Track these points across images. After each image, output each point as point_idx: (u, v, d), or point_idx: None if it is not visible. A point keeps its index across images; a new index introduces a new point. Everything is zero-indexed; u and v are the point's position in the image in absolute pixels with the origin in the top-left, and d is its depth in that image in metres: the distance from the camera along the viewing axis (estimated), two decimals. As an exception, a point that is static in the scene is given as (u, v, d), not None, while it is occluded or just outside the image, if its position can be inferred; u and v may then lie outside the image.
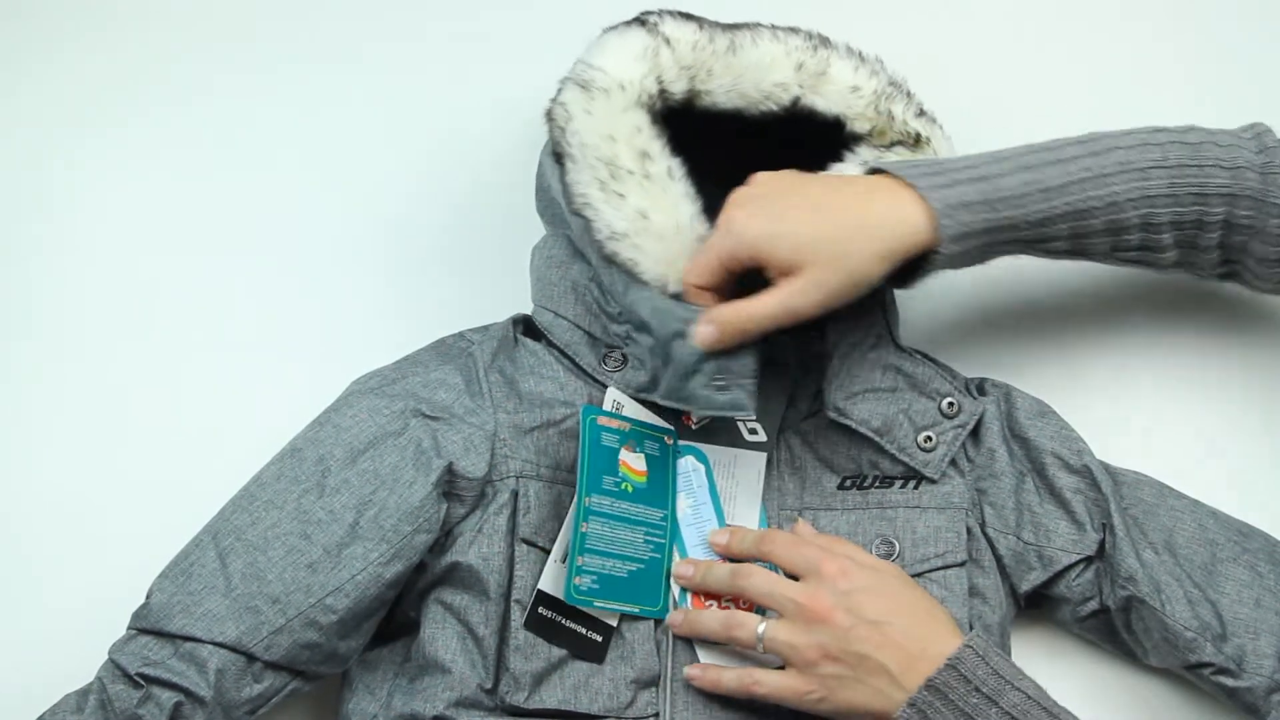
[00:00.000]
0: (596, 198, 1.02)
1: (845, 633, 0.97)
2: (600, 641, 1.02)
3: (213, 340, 1.19)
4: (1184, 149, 1.02)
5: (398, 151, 1.23)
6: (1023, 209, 1.01)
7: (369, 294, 1.20)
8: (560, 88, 1.05)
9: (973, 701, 0.93)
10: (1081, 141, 1.03)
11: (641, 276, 1.02)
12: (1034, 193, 1.01)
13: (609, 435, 1.04)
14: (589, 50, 1.05)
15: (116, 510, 1.15)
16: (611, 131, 1.02)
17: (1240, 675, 1.03)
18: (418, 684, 1.01)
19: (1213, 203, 1.02)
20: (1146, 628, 1.05)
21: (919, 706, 0.95)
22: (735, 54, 1.06)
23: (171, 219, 1.21)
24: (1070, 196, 1.01)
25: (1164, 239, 1.03)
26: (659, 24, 1.05)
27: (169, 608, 0.98)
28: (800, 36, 1.08)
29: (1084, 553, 1.06)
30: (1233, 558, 1.06)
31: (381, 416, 1.03)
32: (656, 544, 1.05)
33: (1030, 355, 1.18)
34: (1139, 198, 1.01)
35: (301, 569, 0.99)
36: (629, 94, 1.03)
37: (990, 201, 1.00)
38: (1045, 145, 1.03)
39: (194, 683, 0.96)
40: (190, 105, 1.23)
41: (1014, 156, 1.02)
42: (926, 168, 1.01)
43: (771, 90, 1.07)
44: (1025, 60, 1.25)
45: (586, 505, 1.02)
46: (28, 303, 1.19)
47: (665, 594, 1.04)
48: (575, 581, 1.02)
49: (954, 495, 1.07)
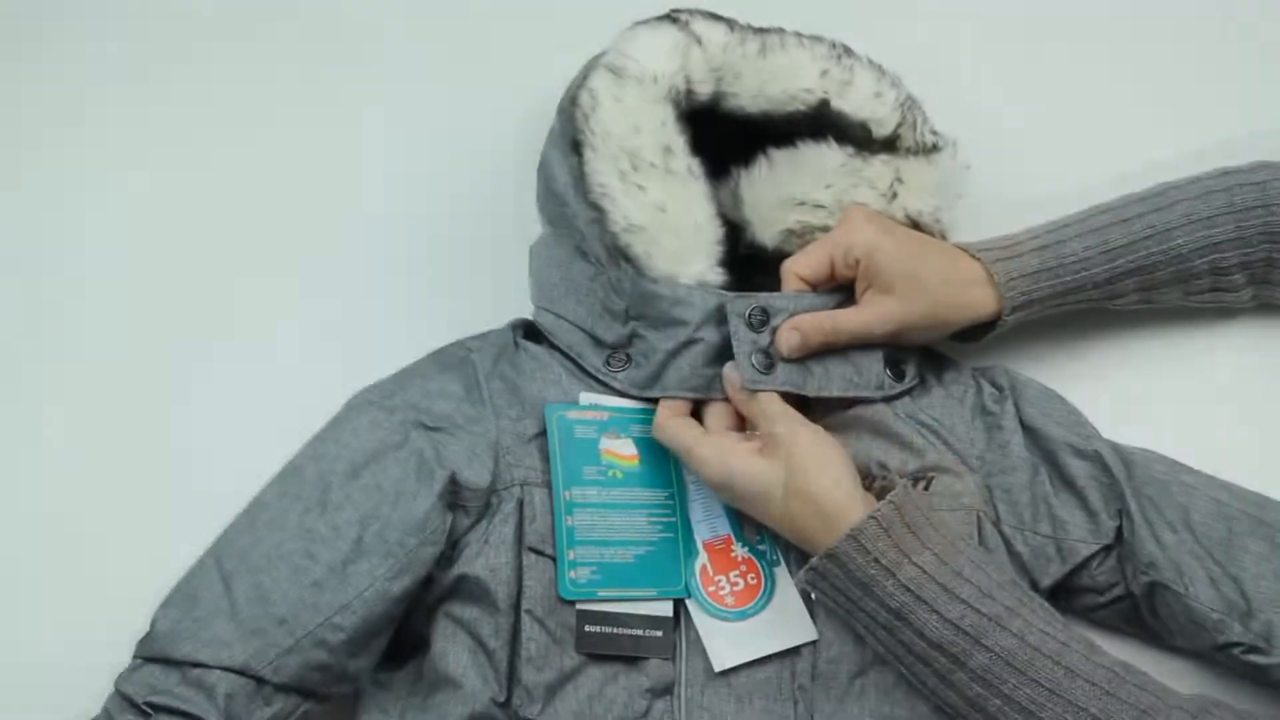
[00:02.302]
0: (616, 188, 1.02)
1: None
2: (661, 636, 1.01)
3: (215, 352, 1.18)
4: (1251, 190, 1.06)
5: (399, 157, 1.22)
6: (1086, 272, 1.06)
7: (370, 302, 1.20)
8: (588, 73, 1.05)
9: (870, 573, 0.94)
10: (1145, 198, 1.08)
11: (651, 271, 1.02)
12: (1096, 255, 1.06)
13: (583, 428, 1.04)
14: (620, 39, 1.05)
15: (117, 529, 1.14)
16: (638, 122, 1.03)
17: (1270, 652, 1.01)
18: (430, 700, 1.00)
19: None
20: (1171, 611, 1.04)
21: (818, 571, 0.96)
22: (764, 58, 1.06)
23: (169, 223, 1.21)
24: (1134, 254, 1.06)
25: (1235, 279, 1.08)
26: (690, 22, 1.05)
27: (174, 634, 0.98)
28: (825, 45, 1.08)
29: (1102, 542, 1.05)
30: (1250, 531, 1.05)
31: (382, 429, 1.03)
32: (665, 524, 1.04)
33: (1031, 337, 1.17)
34: (1204, 246, 1.06)
35: (307, 588, 0.98)
36: (660, 87, 1.03)
37: (1053, 268, 1.06)
38: (1110, 205, 1.09)
39: (203, 709, 0.96)
40: (188, 106, 1.23)
41: (1078, 221, 1.08)
42: (989, 241, 1.08)
43: (798, 94, 1.07)
44: (1026, 66, 1.24)
45: (567, 500, 1.02)
46: (26, 312, 1.19)
47: (685, 572, 1.03)
48: (570, 576, 1.01)
49: (965, 494, 1.06)
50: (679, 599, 1.03)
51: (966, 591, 0.93)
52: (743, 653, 1.02)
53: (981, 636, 0.92)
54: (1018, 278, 1.05)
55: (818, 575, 0.96)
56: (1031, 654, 0.92)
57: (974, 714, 0.94)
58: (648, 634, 1.01)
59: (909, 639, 0.94)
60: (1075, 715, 0.91)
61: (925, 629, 0.93)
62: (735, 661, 1.01)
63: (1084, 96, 1.22)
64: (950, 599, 0.93)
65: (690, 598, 1.03)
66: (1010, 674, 0.92)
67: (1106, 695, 0.91)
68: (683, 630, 1.02)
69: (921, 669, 0.95)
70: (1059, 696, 0.91)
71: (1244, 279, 1.08)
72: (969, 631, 0.92)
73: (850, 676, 1.02)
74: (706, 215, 1.04)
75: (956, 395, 1.09)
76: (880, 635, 0.96)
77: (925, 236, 1.08)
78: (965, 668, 0.93)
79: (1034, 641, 0.92)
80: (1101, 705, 0.91)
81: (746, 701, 1.01)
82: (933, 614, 0.93)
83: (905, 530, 0.95)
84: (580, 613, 1.01)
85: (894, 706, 1.01)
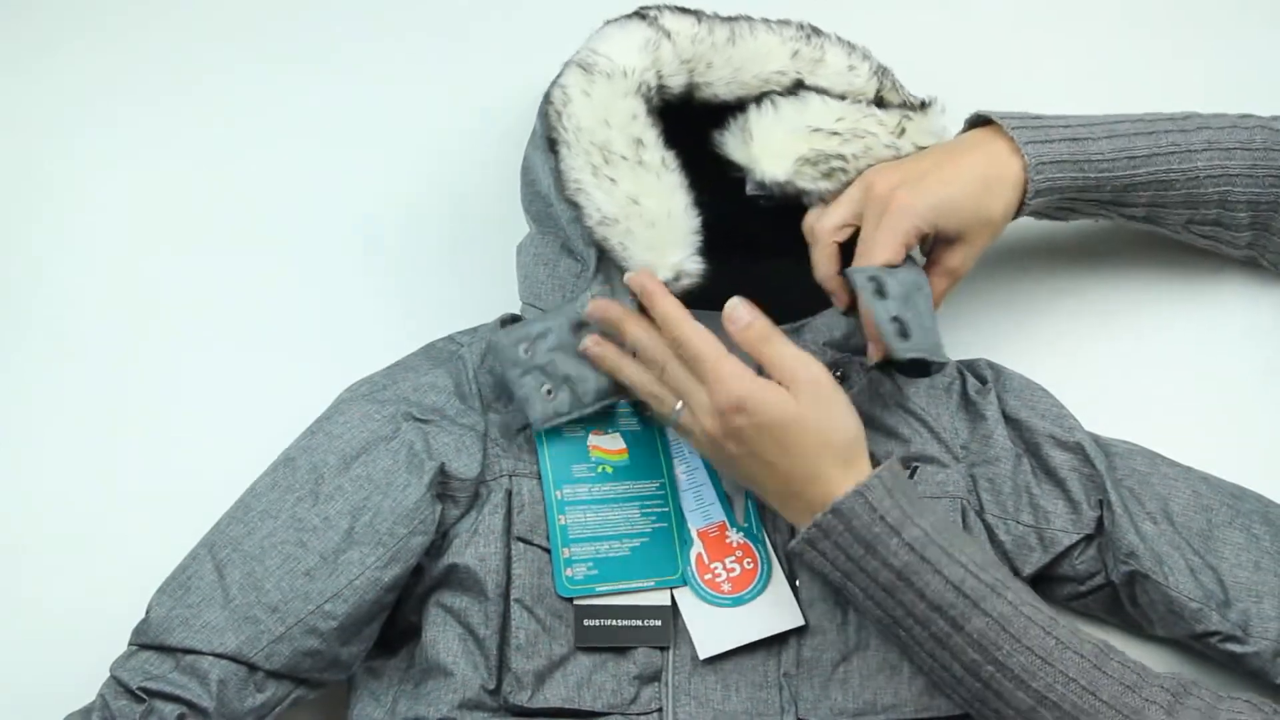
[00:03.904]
0: (589, 183, 1.02)
1: (735, 457, 0.98)
2: (660, 625, 1.02)
3: (206, 345, 1.19)
4: (1269, 134, 1.09)
5: (389, 154, 1.23)
6: (1109, 173, 1.07)
7: (362, 297, 1.20)
8: (561, 70, 1.06)
9: (875, 530, 0.94)
10: (1173, 118, 1.09)
11: (628, 263, 1.03)
12: (1122, 159, 1.07)
13: (570, 426, 1.04)
14: (591, 39, 1.06)
15: (113, 519, 1.15)
16: (607, 116, 1.03)
17: (1247, 641, 1.03)
18: (422, 688, 1.01)
19: None
20: (1151, 600, 1.05)
21: (822, 528, 0.95)
22: (734, 45, 1.07)
23: (164, 224, 1.21)
24: (1155, 166, 1.07)
25: (1240, 217, 1.09)
26: (659, 17, 1.06)
27: (168, 621, 0.98)
28: (793, 27, 1.09)
29: (1083, 532, 1.06)
30: (1228, 521, 1.06)
31: (373, 422, 1.04)
32: (659, 514, 1.05)
33: (1013, 329, 1.18)
34: (1220, 175, 1.07)
35: (299, 577, 0.99)
36: (630, 81, 1.04)
37: (1079, 162, 1.06)
38: (1139, 116, 1.09)
39: (196, 695, 0.97)
40: (185, 107, 1.23)
41: (1107, 123, 1.08)
42: (1024, 120, 1.07)
43: (771, 77, 1.08)
44: (1018, 56, 1.25)
45: (559, 499, 1.03)
46: (25, 305, 1.19)
47: (681, 559, 1.04)
48: (567, 574, 1.02)
49: (949, 484, 1.07)
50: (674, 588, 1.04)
51: (964, 557, 0.94)
52: (725, 640, 1.03)
53: (980, 600, 0.93)
54: (1047, 163, 1.05)
55: (821, 533, 0.95)
56: (1025, 622, 0.92)
57: (967, 679, 0.94)
58: (647, 624, 1.02)
59: (909, 600, 0.94)
60: (1065, 685, 0.91)
61: (927, 590, 0.93)
62: (718, 649, 1.02)
63: (1084, 90, 1.23)
64: (951, 561, 0.94)
65: (686, 585, 1.04)
66: (1005, 640, 0.92)
67: (1094, 669, 0.91)
68: (679, 619, 1.03)
69: (919, 632, 0.94)
70: (1051, 666, 0.92)
71: (1247, 219, 1.09)
72: (969, 595, 0.93)
73: (834, 663, 1.03)
74: (682, 205, 1.03)
75: (942, 386, 1.10)
76: (879, 598, 0.95)
77: (952, 144, 1.08)
78: (962, 631, 0.93)
79: (1027, 612, 0.93)
80: (1090, 678, 0.91)
81: (733, 688, 1.02)
82: (935, 574, 0.93)
83: (904, 495, 0.96)
84: (578, 608, 1.02)
85: (877, 693, 1.02)
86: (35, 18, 1.24)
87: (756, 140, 1.06)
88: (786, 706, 1.02)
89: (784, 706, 1.02)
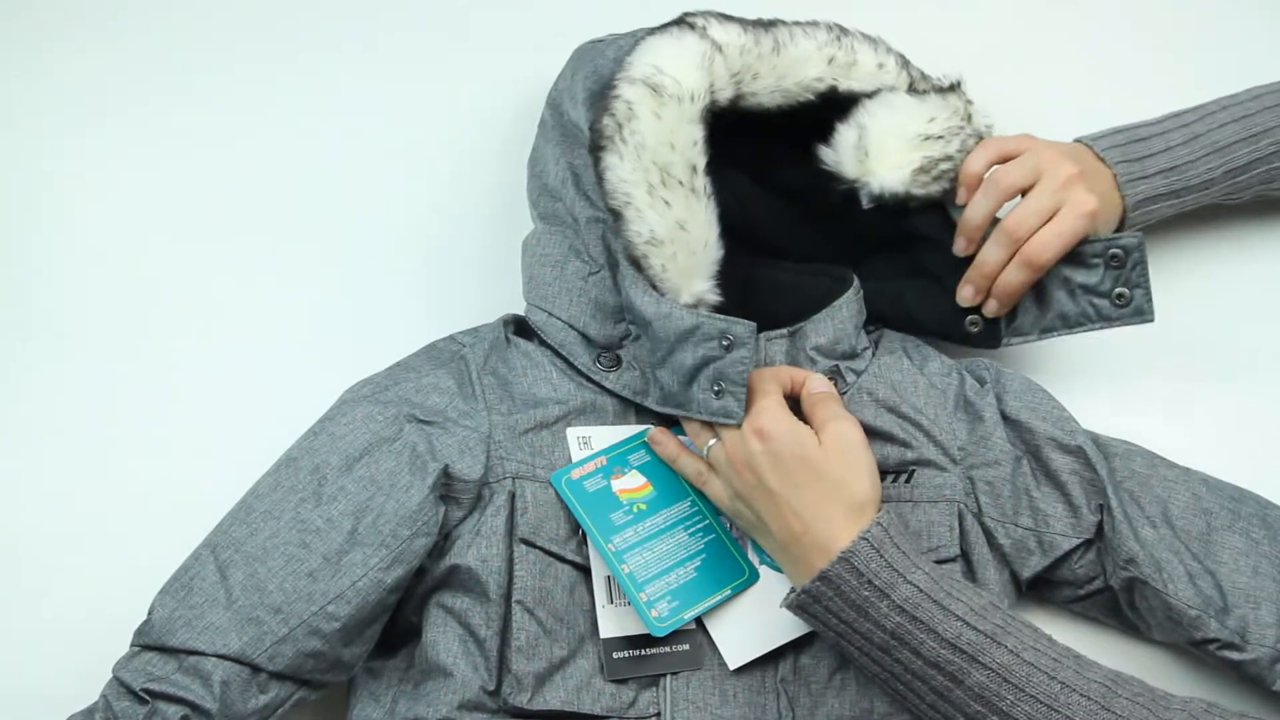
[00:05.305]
0: (641, 200, 1.02)
1: (749, 488, 1.00)
2: (689, 650, 1.03)
3: (207, 345, 1.19)
4: None
5: (389, 152, 1.23)
6: (1206, 191, 1.11)
7: (364, 297, 1.21)
8: (618, 83, 1.02)
9: (864, 594, 0.94)
10: (1271, 109, 1.11)
11: (663, 285, 1.03)
12: (1219, 175, 1.10)
13: (591, 480, 1.05)
14: (646, 49, 1.03)
15: (114, 519, 1.15)
16: (674, 139, 1.02)
17: (1245, 648, 1.03)
18: (421, 689, 1.02)
19: None
20: (1150, 606, 1.05)
21: (811, 594, 0.95)
22: (778, 54, 1.06)
23: (164, 224, 1.21)
24: (1257, 170, 1.11)
25: None
26: (707, 28, 1.04)
27: (171, 622, 0.99)
28: (823, 29, 1.08)
29: (1083, 536, 1.06)
30: (1227, 525, 1.07)
31: (376, 423, 1.04)
32: (703, 528, 1.06)
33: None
34: None
35: (302, 578, 1.00)
36: (696, 106, 1.03)
37: (1178, 191, 1.10)
38: (1239, 114, 1.11)
39: (199, 696, 0.97)
40: (185, 106, 1.23)
41: (1207, 132, 1.10)
42: (1123, 148, 1.10)
43: (810, 84, 1.08)
44: (1023, 57, 1.25)
45: (612, 551, 1.03)
46: (25, 305, 1.19)
47: (743, 558, 1.05)
48: (653, 615, 1.02)
49: (946, 487, 1.07)
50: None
51: (961, 609, 0.93)
52: (752, 649, 1.03)
53: (978, 654, 0.92)
54: (1144, 199, 1.09)
55: (810, 598, 0.95)
56: (1028, 670, 0.91)
57: None
58: (675, 649, 1.03)
59: (906, 659, 0.93)
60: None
61: (922, 649, 0.93)
62: (747, 658, 1.03)
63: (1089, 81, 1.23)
64: (946, 616, 0.93)
65: (764, 566, 1.05)
66: (1008, 690, 0.91)
67: (1102, 709, 0.90)
68: (705, 636, 1.04)
69: (919, 687, 0.94)
70: (1056, 711, 0.90)
71: None
72: (966, 649, 0.92)
73: (831, 671, 1.03)
74: (715, 236, 1.04)
75: (939, 386, 1.10)
76: (875, 656, 0.95)
77: (1078, 153, 1.10)
78: (963, 685, 0.92)
79: (1029, 658, 0.91)
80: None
81: (730, 693, 1.03)
82: (930, 633, 0.92)
83: (895, 549, 0.95)
84: (605, 642, 1.02)
85: (873, 700, 1.03)
86: (35, 18, 1.24)
87: (872, 155, 1.08)
88: (784, 713, 1.02)
89: (781, 713, 1.02)
